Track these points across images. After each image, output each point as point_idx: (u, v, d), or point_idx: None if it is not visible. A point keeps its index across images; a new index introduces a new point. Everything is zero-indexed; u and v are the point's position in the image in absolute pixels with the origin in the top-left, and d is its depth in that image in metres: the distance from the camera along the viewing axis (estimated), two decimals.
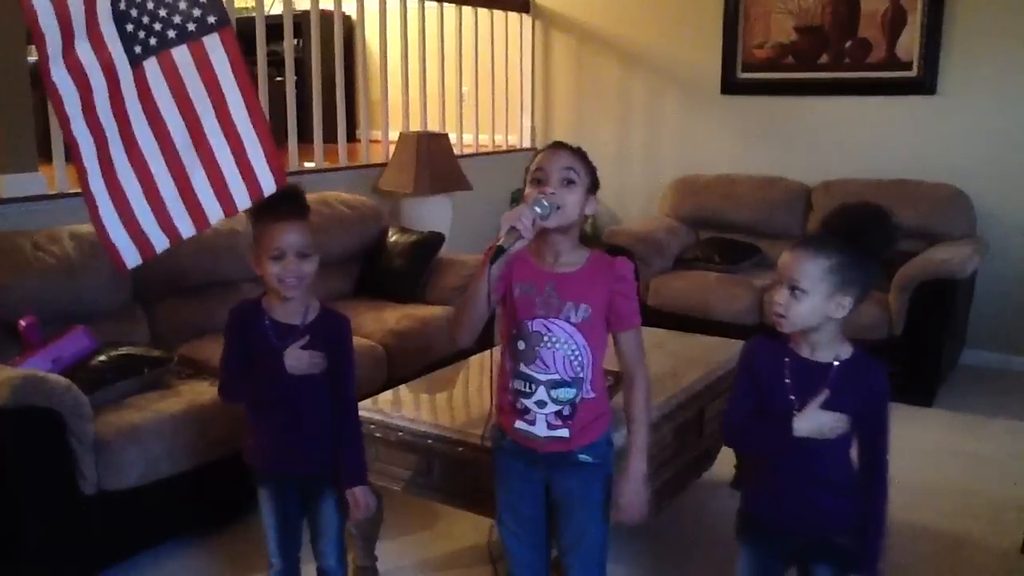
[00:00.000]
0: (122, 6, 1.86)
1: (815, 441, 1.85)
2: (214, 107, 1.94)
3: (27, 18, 1.78)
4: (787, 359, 1.92)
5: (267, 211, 2.09)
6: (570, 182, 1.95)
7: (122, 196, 1.92)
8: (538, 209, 1.88)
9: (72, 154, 1.86)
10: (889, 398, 1.92)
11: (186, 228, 2.00)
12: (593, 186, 2.01)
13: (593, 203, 2.01)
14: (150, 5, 1.88)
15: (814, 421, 1.84)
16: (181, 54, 1.91)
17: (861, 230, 1.88)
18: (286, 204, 2.09)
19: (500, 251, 1.85)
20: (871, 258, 1.89)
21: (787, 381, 1.89)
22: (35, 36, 1.80)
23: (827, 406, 1.85)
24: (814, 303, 1.84)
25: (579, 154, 2.00)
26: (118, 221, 1.93)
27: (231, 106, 1.96)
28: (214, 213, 2.00)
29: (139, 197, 1.93)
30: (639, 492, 2.02)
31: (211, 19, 1.92)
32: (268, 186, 2.02)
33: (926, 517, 3.21)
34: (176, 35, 1.90)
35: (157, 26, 1.88)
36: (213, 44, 1.92)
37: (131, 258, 1.97)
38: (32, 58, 4.30)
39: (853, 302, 1.86)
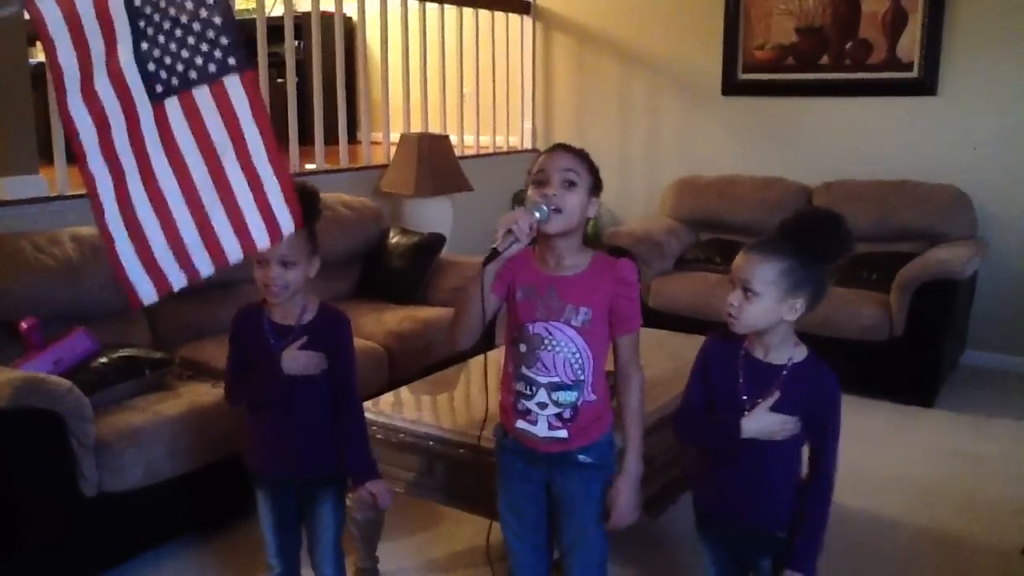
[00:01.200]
0: (144, 46, 1.88)
1: (756, 441, 1.89)
2: (234, 146, 1.96)
3: (46, 52, 1.79)
4: (741, 359, 1.95)
5: None
6: (571, 184, 1.95)
7: (139, 231, 1.93)
8: (536, 214, 1.88)
9: (87, 190, 1.87)
10: (840, 401, 1.94)
11: (204, 266, 2.01)
12: (596, 188, 2.00)
13: (595, 205, 2.01)
14: (172, 47, 1.90)
15: (761, 422, 1.88)
16: (202, 94, 1.93)
17: (815, 235, 1.88)
18: None
19: (495, 253, 1.86)
20: (824, 263, 1.90)
21: (740, 381, 1.93)
22: (53, 70, 1.81)
23: (777, 408, 1.88)
24: (766, 305, 1.86)
25: (581, 155, 2.00)
26: (135, 256, 1.94)
27: (250, 146, 1.98)
28: (233, 252, 2.01)
29: (157, 233, 1.94)
30: (634, 492, 2.03)
31: (231, 61, 1.94)
32: (287, 226, 2.03)
33: (926, 517, 3.21)
34: (197, 76, 1.92)
35: (179, 67, 1.90)
36: (234, 85, 1.94)
37: (147, 294, 1.98)
38: (33, 60, 4.31)
39: (805, 305, 1.88)
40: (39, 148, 3.61)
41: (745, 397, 1.92)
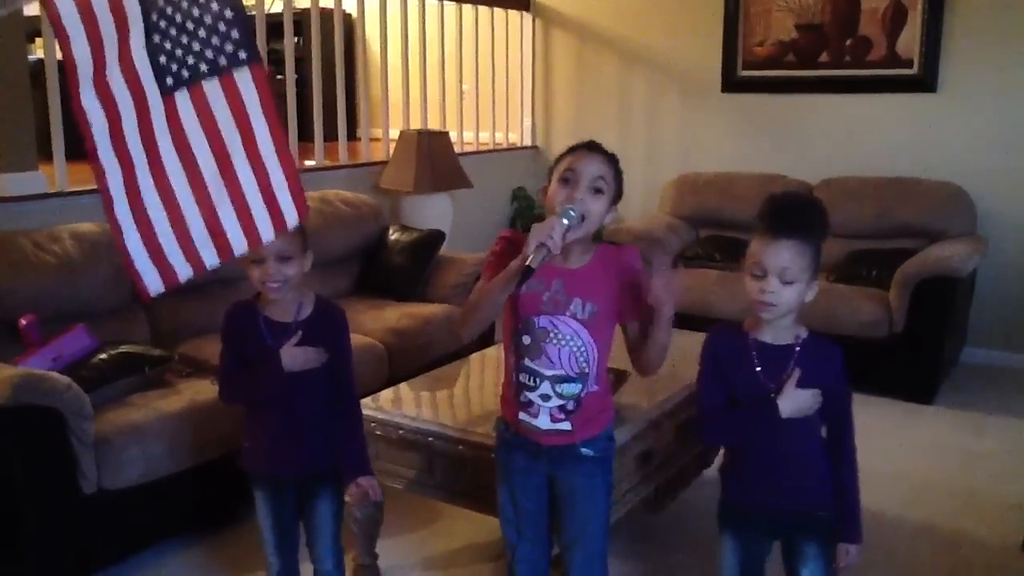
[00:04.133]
0: (155, 39, 1.89)
1: (792, 420, 1.91)
2: (243, 140, 1.97)
3: (61, 46, 1.80)
4: (752, 347, 1.97)
5: None
6: (599, 191, 1.93)
7: (147, 223, 1.94)
8: (566, 221, 1.85)
9: (96, 181, 1.87)
10: (846, 371, 1.99)
11: (210, 258, 2.02)
12: (617, 196, 1.99)
13: (614, 212, 2.00)
14: (183, 39, 1.91)
15: (796, 400, 1.91)
16: (212, 87, 1.94)
17: (815, 217, 1.95)
18: None
19: (529, 272, 1.82)
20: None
21: (758, 368, 1.95)
22: (67, 63, 1.81)
23: (798, 384, 1.92)
24: (800, 289, 1.91)
25: (612, 161, 1.98)
26: (142, 248, 1.95)
27: (259, 140, 1.99)
28: (239, 245, 2.01)
29: (164, 225, 1.95)
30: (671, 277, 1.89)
31: (242, 54, 1.95)
32: (292, 220, 2.05)
33: (926, 514, 3.21)
34: (207, 68, 1.93)
35: (190, 59, 1.92)
36: (243, 79, 1.96)
37: (154, 285, 1.98)
38: (32, 57, 4.31)
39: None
40: (38, 145, 3.60)
41: (765, 382, 1.94)
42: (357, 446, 2.26)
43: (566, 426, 1.99)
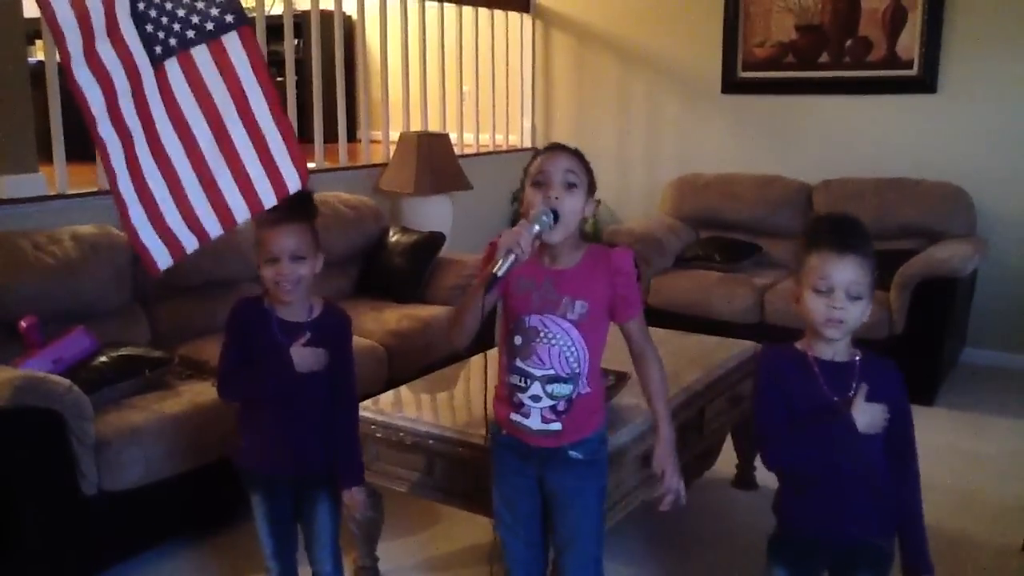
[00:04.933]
0: (140, 7, 1.87)
1: (865, 436, 1.84)
2: (236, 105, 1.95)
3: (45, 17, 1.78)
4: (814, 363, 1.91)
5: (266, 215, 2.10)
6: (572, 185, 1.96)
7: (150, 197, 1.92)
8: (537, 227, 1.89)
9: (100, 156, 1.86)
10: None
11: (213, 227, 2.01)
12: (591, 188, 2.02)
13: (592, 204, 2.02)
14: (168, 5, 1.89)
15: (868, 413, 1.84)
16: (201, 53, 1.92)
17: (866, 236, 1.90)
18: (288, 207, 2.10)
19: (494, 279, 1.85)
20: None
21: (823, 385, 1.88)
22: (55, 35, 1.79)
23: (866, 399, 1.86)
24: (866, 305, 1.87)
25: (578, 156, 2.02)
26: (148, 223, 1.93)
27: (253, 104, 1.97)
28: (240, 212, 2.00)
29: (166, 198, 1.94)
30: (675, 458, 2.05)
31: (229, 18, 1.93)
32: (293, 184, 2.03)
33: (926, 515, 3.18)
34: (195, 35, 1.91)
35: (176, 26, 1.89)
36: (232, 43, 1.94)
37: (163, 260, 1.97)
38: (33, 59, 4.31)
39: None
40: (38, 146, 3.60)
41: (835, 398, 1.87)
42: (353, 453, 2.26)
43: (556, 427, 2.00)
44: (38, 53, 4.76)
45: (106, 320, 3.26)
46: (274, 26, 4.75)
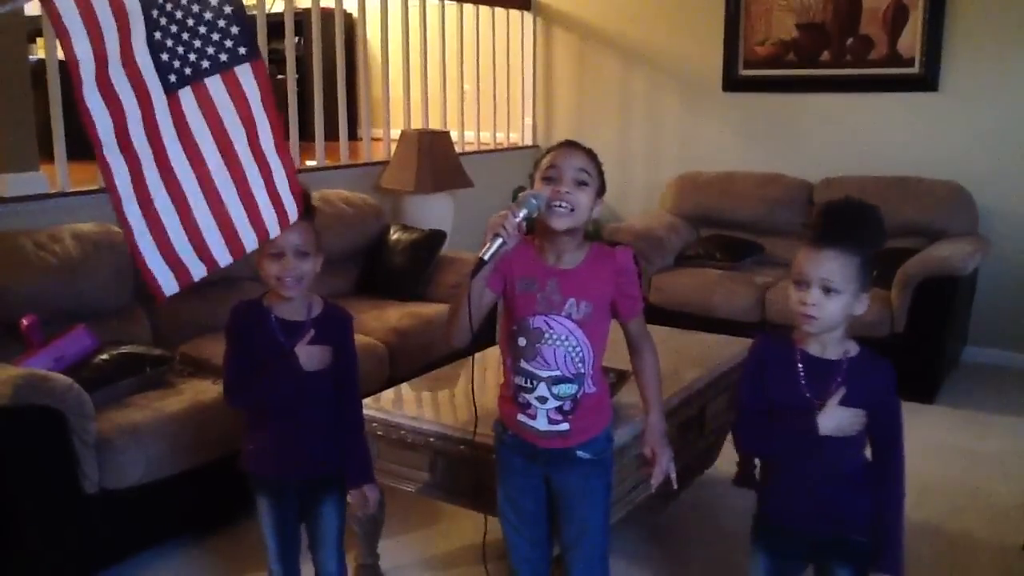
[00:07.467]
0: (157, 36, 1.89)
1: (832, 438, 1.84)
2: (247, 135, 1.98)
3: (62, 44, 1.79)
4: (799, 358, 1.91)
5: None
6: (583, 183, 1.95)
7: (158, 222, 1.93)
8: (525, 211, 1.88)
9: (104, 180, 1.87)
10: (897, 390, 1.93)
11: (222, 255, 2.01)
12: (601, 189, 2.02)
13: (599, 206, 2.02)
14: (185, 36, 1.91)
15: (836, 418, 1.84)
16: (215, 83, 1.95)
17: (866, 225, 1.88)
18: None
19: (481, 263, 1.85)
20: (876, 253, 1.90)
21: (803, 381, 1.89)
22: (69, 62, 1.80)
23: (843, 402, 1.85)
24: (846, 301, 1.84)
25: (591, 155, 2.01)
26: (154, 247, 1.93)
27: (261, 135, 2.00)
28: (249, 240, 2.01)
29: (175, 223, 1.94)
30: (666, 446, 2.07)
31: (242, 50, 1.95)
32: (292, 214, 2.05)
33: (927, 514, 3.21)
34: (210, 65, 1.93)
35: (192, 56, 1.92)
36: (245, 74, 1.96)
37: (169, 286, 1.97)
38: (33, 57, 4.31)
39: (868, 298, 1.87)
40: (39, 145, 3.60)
41: (809, 396, 1.87)
42: (361, 451, 2.26)
43: (564, 427, 2.00)
44: (39, 51, 4.76)
45: (107, 318, 3.26)
46: (275, 24, 4.74)
